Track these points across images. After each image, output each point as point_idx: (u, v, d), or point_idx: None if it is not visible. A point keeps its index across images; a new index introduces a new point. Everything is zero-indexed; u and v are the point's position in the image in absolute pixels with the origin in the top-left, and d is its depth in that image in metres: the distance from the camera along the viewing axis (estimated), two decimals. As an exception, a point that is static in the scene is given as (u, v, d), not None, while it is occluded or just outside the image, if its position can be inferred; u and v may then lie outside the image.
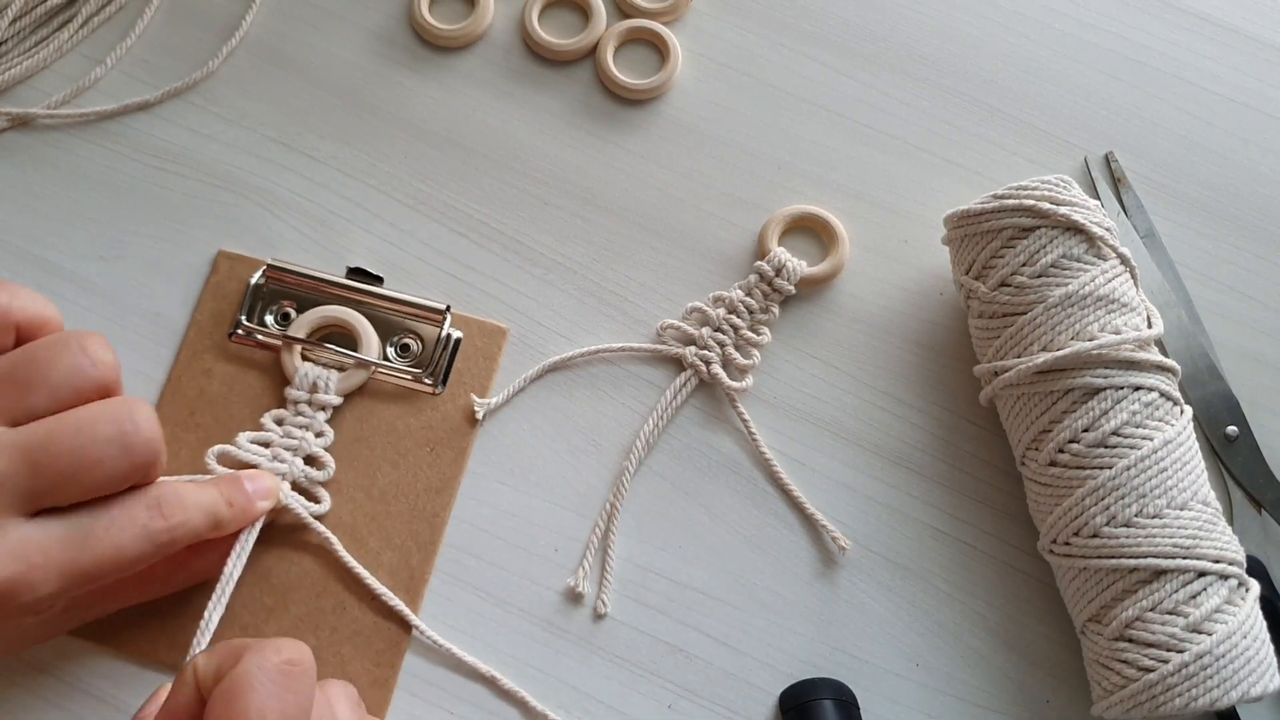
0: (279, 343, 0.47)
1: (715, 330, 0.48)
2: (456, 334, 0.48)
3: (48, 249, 0.49)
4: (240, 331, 0.47)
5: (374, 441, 0.47)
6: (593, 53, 0.53)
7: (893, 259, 0.50)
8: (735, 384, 0.47)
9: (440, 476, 0.46)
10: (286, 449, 0.45)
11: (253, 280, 0.48)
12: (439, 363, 0.47)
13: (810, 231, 0.50)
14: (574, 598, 0.45)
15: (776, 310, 0.48)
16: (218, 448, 0.45)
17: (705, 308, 0.48)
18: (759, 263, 0.49)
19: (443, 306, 0.48)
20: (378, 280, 0.49)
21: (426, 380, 0.47)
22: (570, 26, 0.53)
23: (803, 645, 0.45)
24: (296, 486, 0.45)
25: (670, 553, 0.46)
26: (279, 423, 0.46)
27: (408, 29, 0.53)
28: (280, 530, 0.45)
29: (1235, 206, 0.51)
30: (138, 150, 0.51)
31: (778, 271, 0.48)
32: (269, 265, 0.48)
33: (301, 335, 0.47)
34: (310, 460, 0.46)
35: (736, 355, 0.48)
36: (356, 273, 0.49)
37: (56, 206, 0.50)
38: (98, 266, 0.49)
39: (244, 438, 0.45)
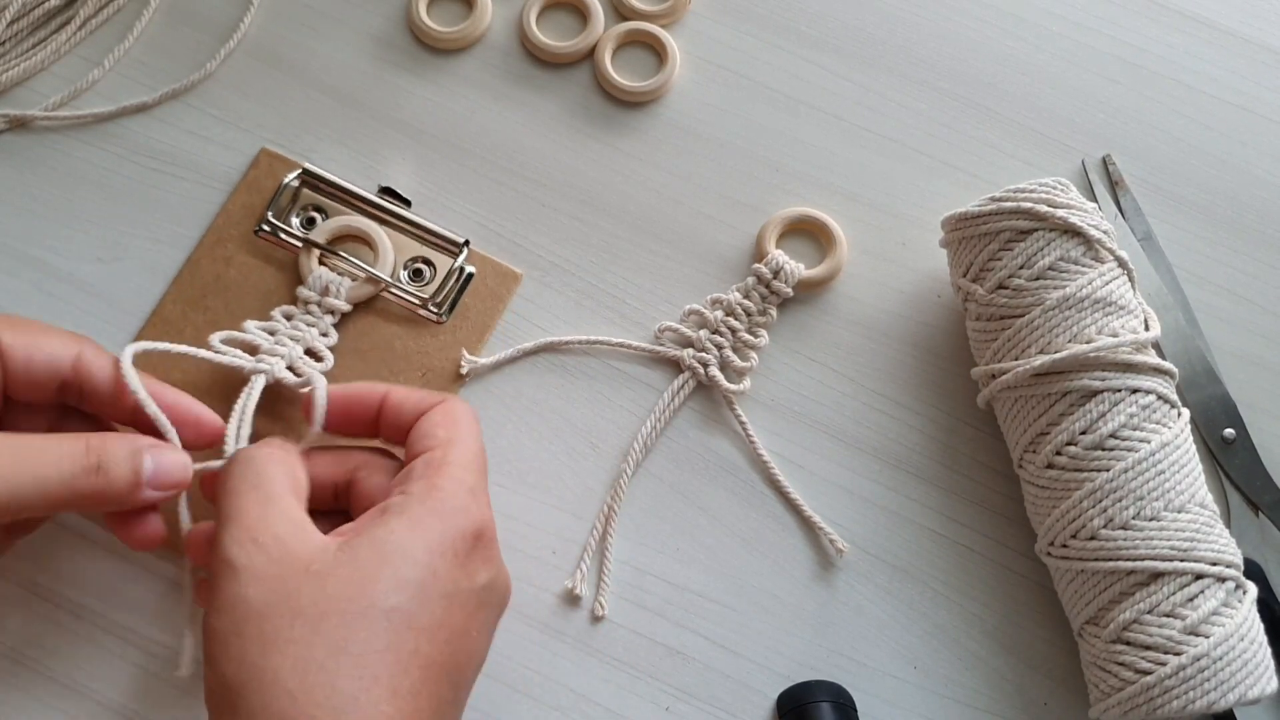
0: (300, 245, 0.48)
1: (713, 333, 0.48)
2: (471, 269, 0.49)
3: (46, 251, 0.49)
4: (266, 228, 0.49)
5: (371, 356, 0.47)
6: (591, 55, 0.53)
7: (890, 261, 0.50)
8: (733, 386, 0.47)
9: None
10: (290, 338, 0.46)
11: (286, 180, 0.49)
12: (448, 293, 0.48)
13: (808, 234, 0.50)
14: (571, 600, 0.45)
15: (774, 313, 0.48)
16: (223, 332, 0.46)
17: (703, 310, 0.48)
18: (757, 265, 0.49)
19: (462, 239, 0.48)
20: (406, 203, 0.49)
21: (433, 308, 0.48)
22: (568, 29, 0.53)
23: (800, 648, 0.45)
24: (295, 372, 0.46)
25: (668, 555, 0.46)
26: (287, 318, 0.47)
27: (406, 31, 0.53)
28: (273, 429, 0.45)
29: (1233, 209, 0.51)
30: (135, 152, 0.51)
31: (775, 274, 0.48)
32: (304, 169, 0.49)
33: (322, 240, 0.48)
34: (310, 353, 0.46)
35: (734, 358, 0.48)
36: (387, 192, 0.49)
37: (54, 208, 0.50)
38: (96, 268, 0.49)
39: (251, 324, 0.46)
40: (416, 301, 0.48)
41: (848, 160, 0.51)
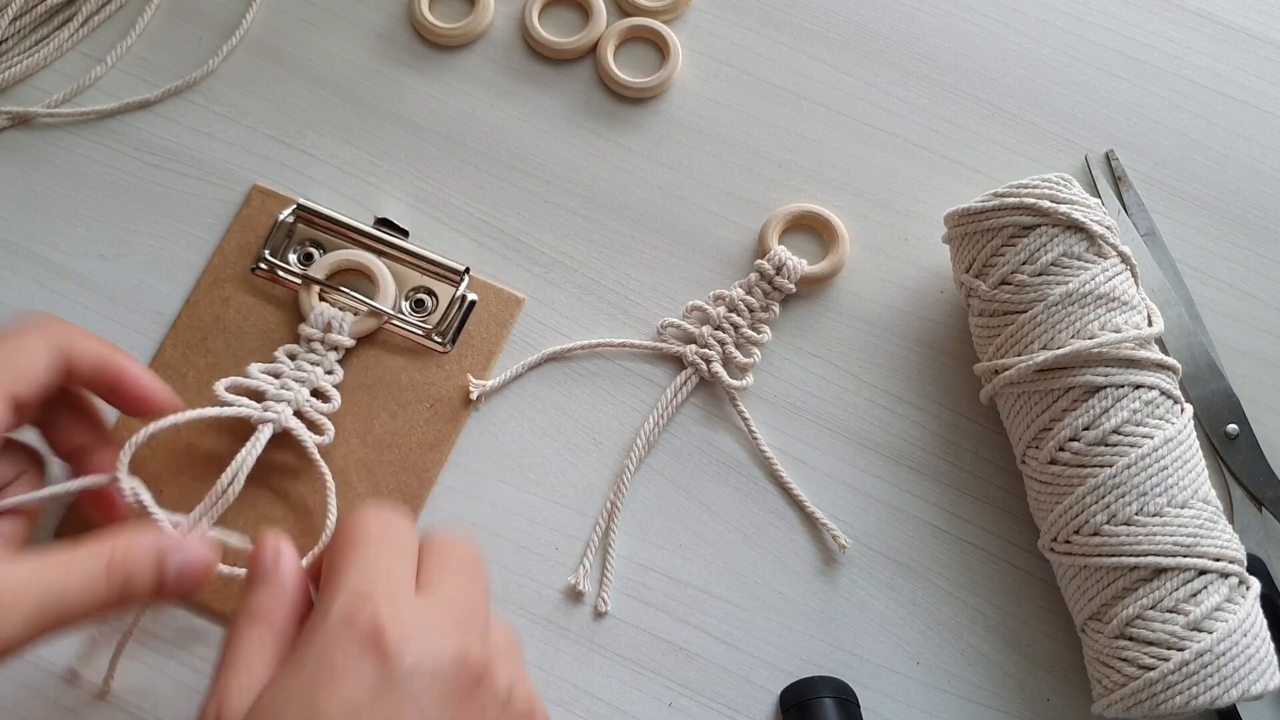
0: (298, 282, 0.48)
1: (716, 328, 0.48)
2: (473, 296, 0.48)
3: (49, 248, 0.49)
4: (263, 266, 0.48)
5: (376, 390, 0.47)
6: (593, 51, 0.53)
7: (893, 257, 0.50)
8: (735, 382, 0.48)
9: (436, 434, 0.47)
10: (296, 380, 0.46)
11: (280, 216, 0.49)
12: (451, 323, 0.48)
13: (811, 230, 0.50)
14: (575, 596, 0.45)
15: (777, 308, 0.48)
16: (228, 379, 0.45)
17: (706, 306, 0.48)
18: (759, 261, 0.49)
19: (462, 268, 0.48)
20: (403, 233, 0.49)
21: (436, 338, 0.48)
22: (570, 25, 0.53)
23: (803, 643, 0.45)
24: (302, 417, 0.46)
25: (671, 551, 0.46)
26: (291, 357, 0.47)
27: (408, 27, 0.53)
28: (281, 457, 0.46)
29: (1236, 204, 0.51)
30: (138, 149, 0.51)
31: (778, 270, 0.48)
32: (299, 205, 0.49)
33: (321, 276, 0.48)
34: (317, 393, 0.46)
35: (737, 353, 0.48)
36: (383, 223, 0.49)
37: (57, 205, 0.50)
38: (98, 265, 0.49)
39: (255, 368, 0.46)
40: (420, 332, 0.48)
41: (850, 156, 0.51)
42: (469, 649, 0.33)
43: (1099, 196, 0.50)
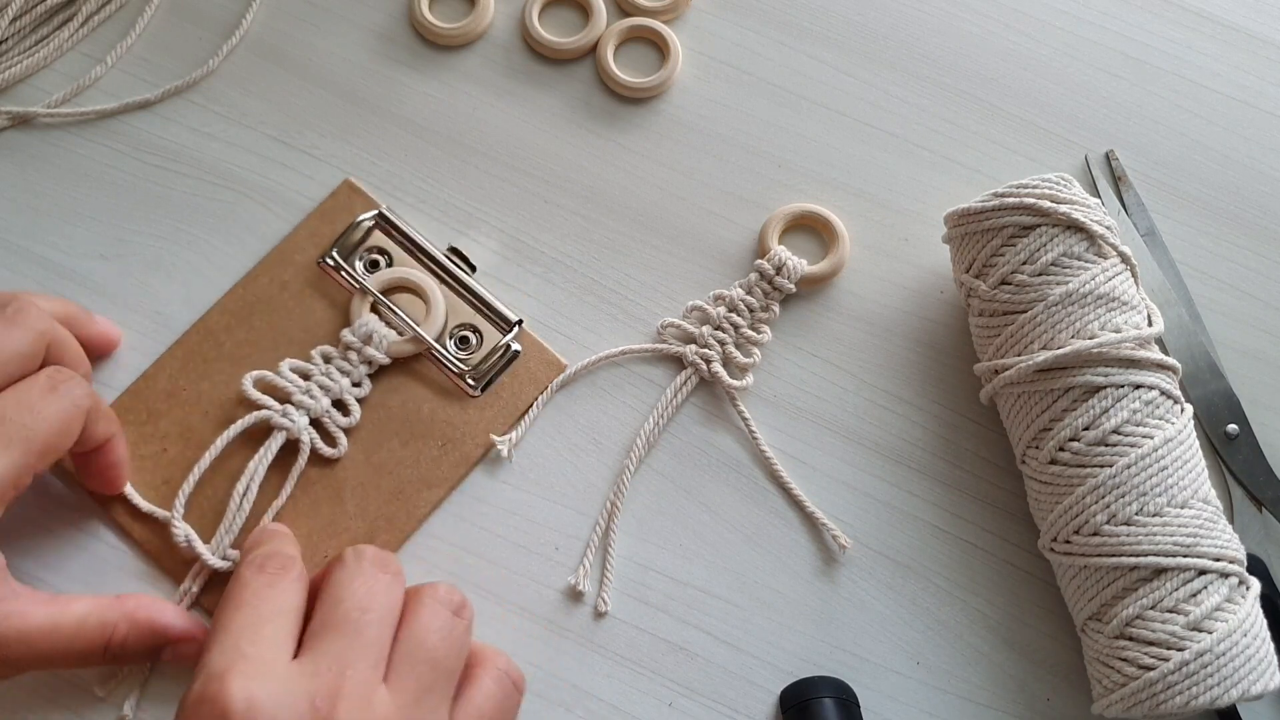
0: (356, 286, 0.48)
1: (716, 329, 0.48)
2: (517, 347, 0.48)
3: (49, 248, 0.49)
4: (329, 261, 0.48)
5: (394, 413, 0.47)
6: (593, 51, 0.53)
7: (893, 257, 0.50)
8: (735, 382, 0.48)
9: (438, 474, 0.46)
10: (321, 387, 0.46)
11: (358, 219, 0.49)
12: (489, 368, 0.47)
13: (811, 230, 0.50)
14: (574, 596, 0.46)
15: (777, 309, 0.48)
16: (256, 373, 0.46)
17: (706, 306, 0.48)
18: (759, 261, 0.49)
19: (515, 319, 0.48)
20: (471, 269, 0.49)
21: (470, 381, 0.47)
22: (570, 25, 0.53)
23: (803, 643, 0.45)
24: (319, 426, 0.46)
25: (671, 551, 0.46)
26: (325, 359, 0.47)
27: (408, 27, 0.53)
28: (291, 460, 0.46)
29: (1236, 204, 0.51)
30: (138, 149, 0.51)
31: (778, 270, 0.48)
32: (381, 213, 0.49)
33: (378, 289, 0.48)
34: (339, 404, 0.46)
35: (737, 354, 0.48)
36: (455, 253, 0.49)
37: (57, 205, 0.50)
38: (99, 265, 0.49)
39: (286, 365, 0.46)
40: (455, 370, 0.47)
41: (850, 156, 0.51)
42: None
43: (1099, 196, 0.50)
